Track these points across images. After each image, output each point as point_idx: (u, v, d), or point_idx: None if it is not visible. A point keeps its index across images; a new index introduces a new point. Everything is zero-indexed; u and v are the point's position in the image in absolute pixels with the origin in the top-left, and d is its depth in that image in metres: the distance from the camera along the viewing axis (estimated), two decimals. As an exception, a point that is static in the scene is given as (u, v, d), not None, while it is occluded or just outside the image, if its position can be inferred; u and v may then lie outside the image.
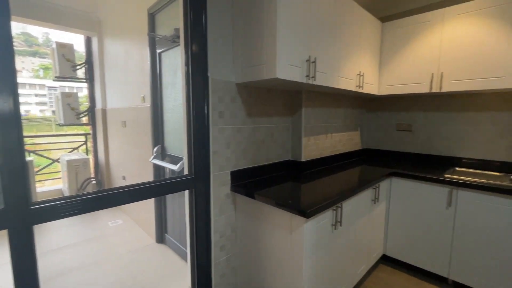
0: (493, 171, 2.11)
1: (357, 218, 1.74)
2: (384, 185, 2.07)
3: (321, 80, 1.68)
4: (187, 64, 1.44)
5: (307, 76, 1.55)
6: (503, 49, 1.81)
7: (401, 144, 2.64)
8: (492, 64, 1.86)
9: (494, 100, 2.11)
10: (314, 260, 1.38)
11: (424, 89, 2.17)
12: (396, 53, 2.33)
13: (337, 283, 1.60)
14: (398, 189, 2.11)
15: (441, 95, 2.35)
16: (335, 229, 1.50)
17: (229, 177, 1.64)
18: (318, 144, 2.20)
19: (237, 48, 1.58)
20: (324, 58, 1.69)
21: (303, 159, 2.03)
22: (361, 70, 2.13)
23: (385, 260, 2.28)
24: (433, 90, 2.12)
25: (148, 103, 2.49)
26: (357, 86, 2.09)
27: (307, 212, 1.23)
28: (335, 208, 1.47)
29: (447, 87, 2.06)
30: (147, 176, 2.59)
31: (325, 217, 1.42)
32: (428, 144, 2.46)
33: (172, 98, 2.25)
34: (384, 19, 2.65)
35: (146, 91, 2.50)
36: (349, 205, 1.61)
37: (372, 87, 2.35)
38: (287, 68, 1.42)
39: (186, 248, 1.91)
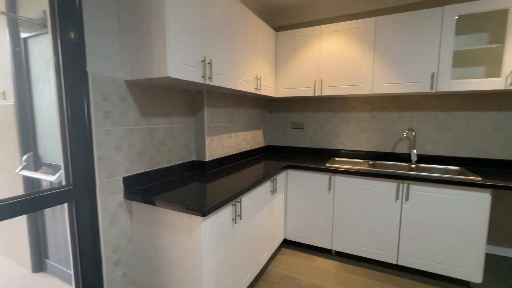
0: (359, 159, 2.68)
1: (258, 210, 1.89)
2: (281, 177, 2.32)
3: (218, 81, 1.73)
4: (56, 55, 1.22)
5: (203, 76, 1.57)
6: (360, 63, 2.31)
7: (296, 140, 3.02)
8: (354, 74, 2.35)
9: (357, 102, 2.68)
10: (216, 256, 1.41)
11: (309, 92, 2.55)
12: (288, 60, 2.64)
13: (242, 272, 1.70)
14: (293, 179, 2.41)
15: (323, 98, 2.81)
16: (236, 223, 1.58)
17: (121, 184, 1.49)
18: (222, 143, 2.26)
19: (124, 41, 1.45)
20: (221, 60, 1.75)
21: (207, 159, 2.05)
22: (258, 74, 2.31)
23: (286, 243, 2.57)
24: (316, 94, 2.52)
25: (10, 101, 1.98)
26: (255, 88, 2.26)
27: (204, 211, 1.25)
28: (234, 203, 1.55)
29: (326, 92, 2.48)
30: (13, 194, 2.06)
31: (225, 213, 1.48)
32: (316, 139, 2.91)
33: (46, 95, 1.86)
34: (277, 28, 2.96)
35: (7, 85, 1.98)
36: (249, 199, 1.73)
37: (269, 89, 2.58)
38: (181, 67, 1.40)
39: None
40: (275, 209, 2.22)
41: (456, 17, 1.98)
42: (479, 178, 1.84)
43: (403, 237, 2.04)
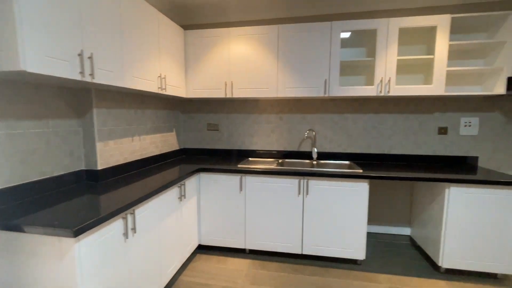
0: (271, 158, 2.83)
1: (161, 219, 1.75)
2: (192, 181, 2.24)
3: (105, 79, 1.52)
4: None
5: (81, 72, 1.35)
6: (267, 67, 2.43)
7: (212, 142, 2.98)
8: (261, 78, 2.45)
9: (267, 105, 2.82)
10: (101, 279, 1.23)
11: (221, 94, 2.54)
12: (199, 60, 2.56)
13: (141, 291, 1.54)
14: (205, 183, 2.36)
15: (237, 99, 2.85)
16: (128, 238, 1.42)
17: (-42, 208, 1.14)
18: (121, 149, 2.02)
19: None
20: (108, 55, 1.55)
21: (100, 167, 1.80)
22: (163, 73, 2.16)
23: (202, 249, 2.50)
24: (227, 96, 2.53)
25: None
26: (159, 88, 2.11)
27: (75, 230, 1.06)
28: (125, 216, 1.39)
29: (236, 94, 2.52)
30: None
31: (113, 228, 1.31)
32: (231, 140, 2.93)
33: None
34: (187, 27, 2.86)
35: None
36: (147, 209, 1.59)
37: (179, 90, 2.46)
38: (44, 60, 1.16)
39: None
40: (185, 215, 2.12)
41: (341, 32, 2.28)
42: (360, 171, 2.17)
43: (306, 228, 2.24)
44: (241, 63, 2.48)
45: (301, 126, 2.77)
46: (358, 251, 2.18)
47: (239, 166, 2.35)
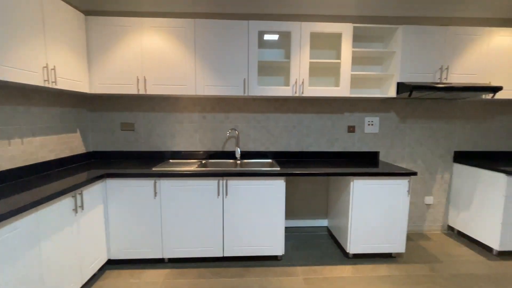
0: (194, 159, 2.70)
1: (45, 238, 1.46)
2: (96, 188, 1.95)
3: None
4: None
5: None
6: (184, 63, 2.29)
7: (128, 143, 2.68)
8: (178, 74, 2.30)
9: (188, 103, 2.68)
10: None
11: (132, 90, 2.30)
12: (106, 52, 2.26)
13: (8, 331, 1.25)
14: (114, 190, 2.09)
15: (154, 97, 2.63)
16: (-20, 267, 1.12)
17: None
18: (-9, 154, 1.63)
19: None
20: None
21: (-50, 179, 1.40)
22: (51, 63, 1.82)
23: (113, 264, 2.22)
24: (140, 92, 2.30)
25: None
26: (45, 81, 1.77)
27: None
28: (-28, 241, 1.09)
29: (151, 90, 2.31)
30: None
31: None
32: (150, 141, 2.69)
33: None
34: (90, 12, 2.51)
35: None
36: (17, 229, 1.29)
37: (78, 84, 2.12)
38: None
39: None
40: (85, 229, 1.83)
41: (258, 31, 2.30)
42: (278, 168, 2.22)
43: (227, 229, 2.19)
44: (155, 57, 2.28)
45: (225, 126, 2.72)
46: (277, 247, 2.23)
47: (153, 169, 2.16)
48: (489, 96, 2.43)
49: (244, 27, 2.29)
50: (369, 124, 2.77)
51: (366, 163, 2.55)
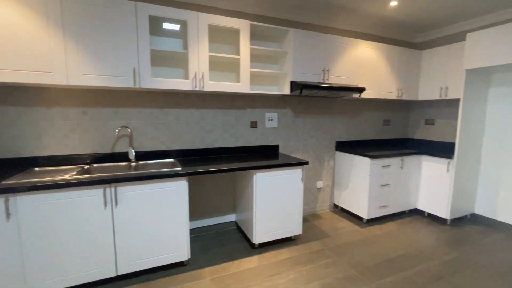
0: (73, 165, 2.19)
1: None
2: None
3: None
4: None
5: None
6: (47, 45, 1.79)
7: (-39, 150, 1.92)
8: (39, 58, 1.78)
9: (60, 95, 2.15)
10: None
11: (-41, 75, 1.63)
12: None
13: None
14: None
15: (8, 86, 1.97)
16: None
17: None
18: None
19: None
20: None
21: None
22: None
23: None
24: (-25, 78, 1.66)
25: None
26: None
27: None
28: None
29: (-6, 77, 1.70)
30: None
31: None
32: (2, 145, 2.01)
33: None
34: None
35: None
36: None
37: None
38: None
39: None
40: None
41: (148, 16, 2.04)
42: (179, 168, 2.06)
43: (119, 244, 1.87)
44: (3, 35, 1.69)
45: (115, 123, 2.32)
46: (182, 253, 2.08)
47: (3, 182, 1.61)
48: (357, 95, 2.98)
49: (131, 9, 1.98)
50: (269, 120, 2.95)
51: (268, 156, 2.70)
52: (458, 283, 1.99)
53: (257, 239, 2.36)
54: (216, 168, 2.11)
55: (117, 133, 2.19)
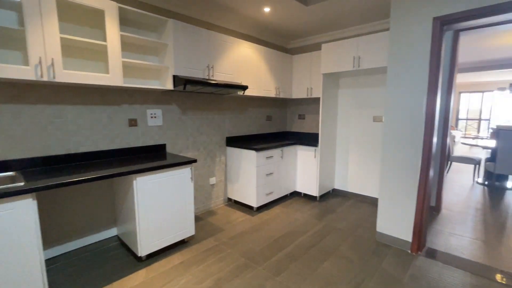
0: None
1: None
2: None
3: None
4: None
5: None
6: None
7: None
8: None
9: None
10: None
11: None
12: None
13: None
14: None
15: None
16: None
17: None
18: None
19: None
20: None
21: None
22: None
23: None
24: None
25: None
26: None
27: None
28: None
29: None
30: None
31: None
32: None
33: None
34: None
35: None
36: None
37: None
38: None
39: None
40: None
41: None
42: (21, 184, 1.56)
43: None
44: None
45: None
46: (34, 292, 1.60)
47: None
48: (241, 92, 3.15)
49: None
50: (152, 117, 2.68)
51: (154, 157, 2.46)
52: (324, 246, 2.44)
53: (143, 250, 2.12)
54: (81, 177, 1.72)
55: None
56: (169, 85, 2.51)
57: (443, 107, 3.15)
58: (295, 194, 3.95)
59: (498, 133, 3.96)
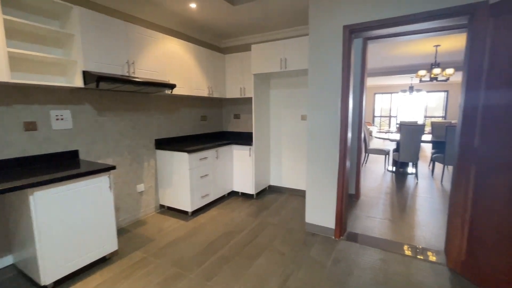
0: None
1: None
2: None
3: None
4: None
5: None
6: None
7: None
8: None
9: None
10: None
11: None
12: None
13: None
14: None
15: None
16: None
17: None
18: None
19: None
20: None
21: None
22: None
23: None
24: None
25: None
26: None
27: None
28: None
29: None
30: None
31: None
32: None
33: None
34: None
35: None
36: None
37: None
38: None
39: None
40: None
41: None
42: None
43: None
44: None
45: None
46: None
47: None
48: (169, 91, 2.96)
49: None
50: (58, 119, 2.29)
51: (62, 166, 2.09)
52: (259, 243, 2.49)
53: (47, 278, 1.79)
54: None
55: None
56: (78, 82, 2.18)
57: (356, 105, 3.57)
58: (233, 194, 3.94)
59: (401, 128, 4.73)
